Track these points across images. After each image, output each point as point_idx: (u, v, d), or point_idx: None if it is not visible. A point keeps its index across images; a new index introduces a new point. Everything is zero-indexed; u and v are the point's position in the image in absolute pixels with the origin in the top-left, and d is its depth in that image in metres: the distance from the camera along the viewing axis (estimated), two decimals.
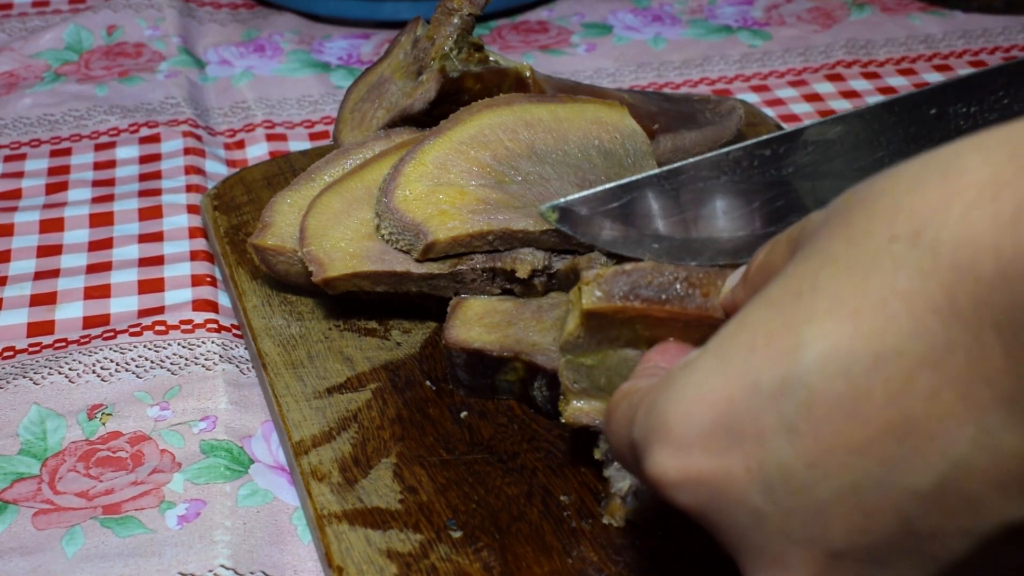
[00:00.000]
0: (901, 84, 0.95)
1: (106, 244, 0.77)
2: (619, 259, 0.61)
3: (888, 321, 0.31)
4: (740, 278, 0.43)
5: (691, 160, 0.51)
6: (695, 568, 0.51)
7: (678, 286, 0.46)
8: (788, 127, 0.87)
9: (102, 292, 0.72)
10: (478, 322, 0.60)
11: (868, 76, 0.97)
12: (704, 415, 0.35)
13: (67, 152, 0.87)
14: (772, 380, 0.33)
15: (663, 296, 0.46)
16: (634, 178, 0.53)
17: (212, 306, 0.70)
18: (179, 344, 0.67)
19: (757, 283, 0.40)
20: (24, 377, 0.65)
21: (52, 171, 0.85)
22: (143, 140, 0.88)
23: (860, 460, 0.32)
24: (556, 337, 0.58)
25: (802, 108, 0.92)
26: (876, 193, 0.33)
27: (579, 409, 0.51)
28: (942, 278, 0.30)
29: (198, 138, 0.88)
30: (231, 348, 0.67)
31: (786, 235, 0.39)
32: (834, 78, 0.96)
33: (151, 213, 0.79)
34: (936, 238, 0.30)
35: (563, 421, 0.52)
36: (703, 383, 0.35)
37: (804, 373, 0.33)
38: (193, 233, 0.77)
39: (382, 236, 0.62)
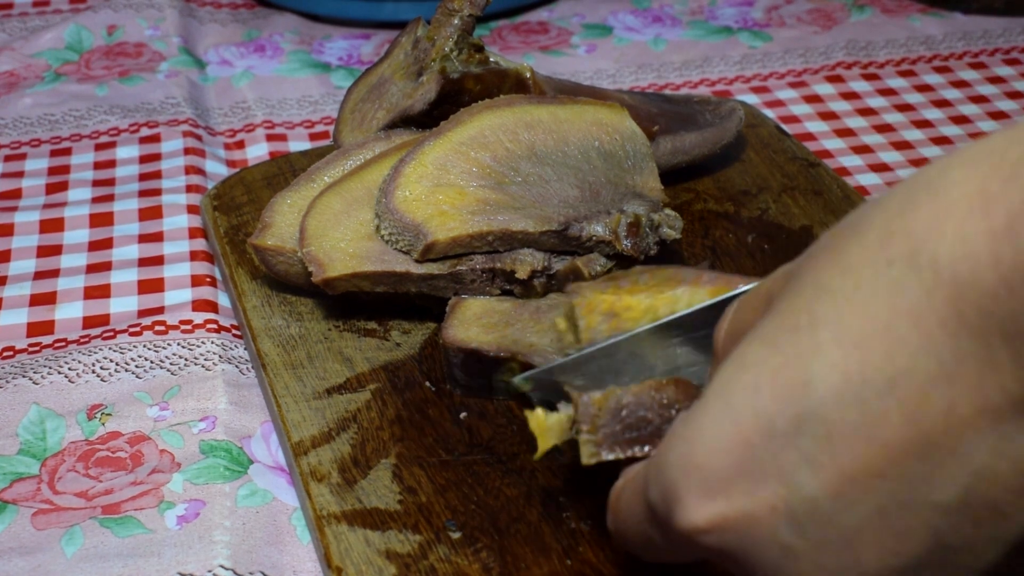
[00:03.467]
0: (901, 85, 0.95)
1: (106, 244, 0.77)
2: (618, 259, 0.61)
3: (897, 343, 0.31)
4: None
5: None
6: (694, 569, 0.51)
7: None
8: (788, 125, 0.87)
9: (102, 292, 0.72)
10: (476, 322, 0.60)
11: (868, 78, 0.97)
12: (722, 461, 0.35)
13: (67, 152, 0.87)
14: (787, 418, 0.33)
15: (650, 434, 0.44)
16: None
17: (212, 306, 0.70)
18: (179, 344, 0.67)
19: (729, 349, 0.39)
20: (24, 377, 0.65)
21: (52, 171, 0.85)
22: (143, 140, 0.88)
23: (884, 484, 0.32)
24: (553, 339, 0.58)
25: (802, 109, 0.92)
26: (865, 222, 0.33)
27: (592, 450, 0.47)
28: (946, 293, 0.31)
29: (198, 138, 0.88)
30: (231, 348, 0.67)
31: (753, 294, 0.39)
32: (834, 79, 0.96)
33: (151, 213, 0.79)
34: (934, 256, 0.31)
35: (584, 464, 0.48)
36: (713, 429, 0.35)
37: (818, 407, 0.33)
38: (193, 233, 0.77)
39: (382, 236, 0.62)
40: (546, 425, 0.46)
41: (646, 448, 0.44)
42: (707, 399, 0.36)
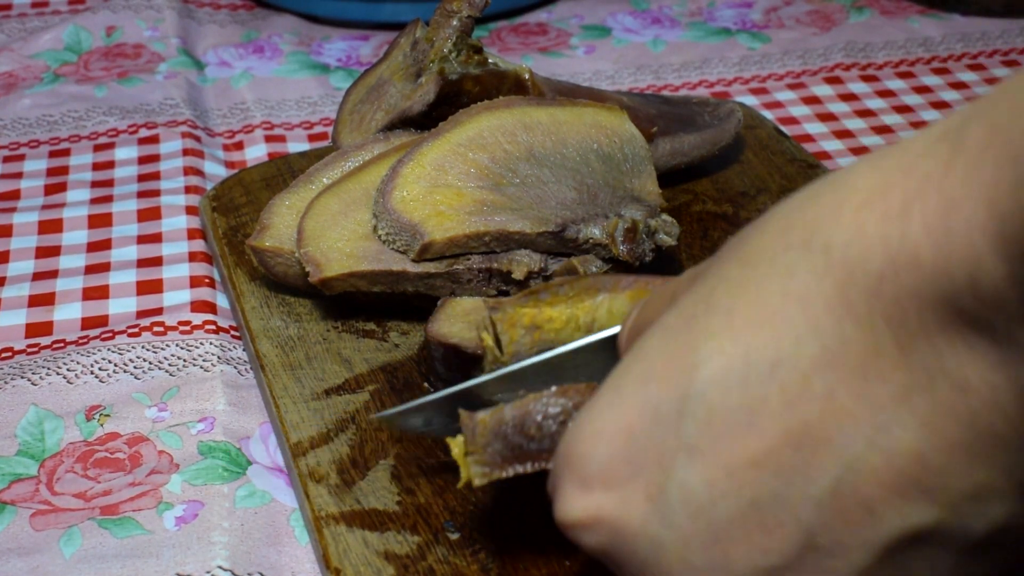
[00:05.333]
0: (900, 87, 0.95)
1: (105, 245, 0.77)
2: (613, 263, 0.61)
3: (783, 327, 0.31)
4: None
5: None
6: None
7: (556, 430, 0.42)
8: (788, 127, 0.87)
9: (100, 293, 0.72)
10: (463, 318, 0.60)
11: (867, 79, 0.97)
12: (602, 450, 0.34)
13: (66, 153, 0.87)
14: (671, 403, 0.33)
15: (546, 446, 0.42)
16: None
17: (210, 307, 0.70)
18: (177, 345, 0.67)
19: (632, 346, 0.38)
20: (22, 377, 0.65)
21: (51, 172, 0.85)
22: (142, 141, 0.88)
23: (758, 473, 0.31)
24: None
25: (801, 111, 0.92)
26: (768, 217, 0.33)
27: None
28: (835, 277, 0.30)
29: (197, 139, 0.88)
30: (229, 349, 0.67)
31: (658, 294, 0.39)
32: (833, 81, 0.96)
33: (150, 214, 0.79)
34: (828, 241, 0.30)
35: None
36: (599, 419, 0.34)
37: (702, 390, 0.32)
38: (192, 234, 0.77)
39: (379, 236, 0.62)
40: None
41: (522, 466, 0.42)
42: (601, 390, 0.35)
